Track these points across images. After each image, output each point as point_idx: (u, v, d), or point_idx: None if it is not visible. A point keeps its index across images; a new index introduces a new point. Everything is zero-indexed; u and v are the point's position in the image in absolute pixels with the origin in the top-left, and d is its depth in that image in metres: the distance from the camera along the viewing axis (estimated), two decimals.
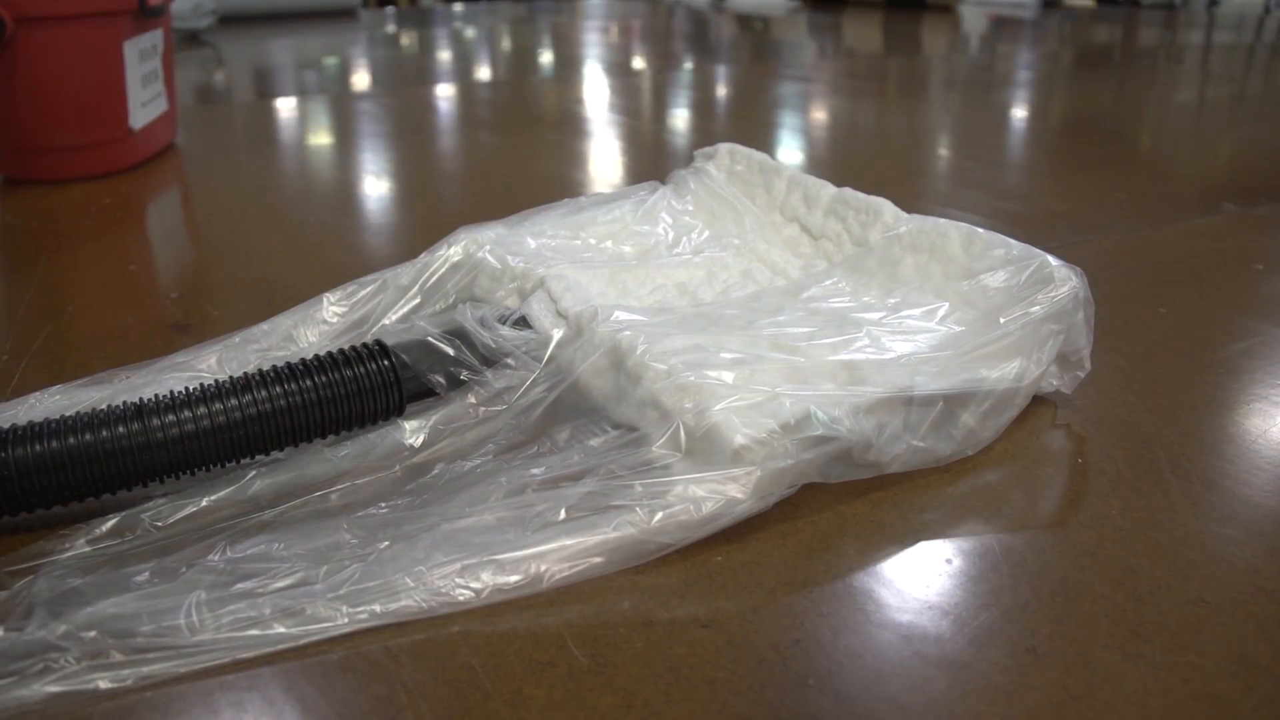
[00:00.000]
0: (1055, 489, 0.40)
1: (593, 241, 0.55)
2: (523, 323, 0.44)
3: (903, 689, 0.29)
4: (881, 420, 0.38)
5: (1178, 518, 0.38)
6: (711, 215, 0.59)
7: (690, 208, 0.59)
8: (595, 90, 1.45)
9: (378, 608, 0.29)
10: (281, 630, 0.29)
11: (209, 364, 0.48)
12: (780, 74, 1.63)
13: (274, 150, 1.09)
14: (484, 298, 0.50)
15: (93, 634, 0.28)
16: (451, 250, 0.53)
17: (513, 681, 0.29)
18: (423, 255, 0.53)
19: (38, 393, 0.45)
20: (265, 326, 0.50)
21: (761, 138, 1.15)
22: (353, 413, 0.39)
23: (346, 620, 0.29)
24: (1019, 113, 1.35)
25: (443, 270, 0.52)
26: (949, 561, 0.35)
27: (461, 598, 0.30)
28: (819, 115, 1.30)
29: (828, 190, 0.57)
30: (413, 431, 0.39)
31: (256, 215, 0.81)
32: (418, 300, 0.51)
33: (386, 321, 0.50)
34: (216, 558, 0.32)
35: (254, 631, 0.28)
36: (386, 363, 0.40)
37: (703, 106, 1.38)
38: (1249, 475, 0.41)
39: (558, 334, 0.41)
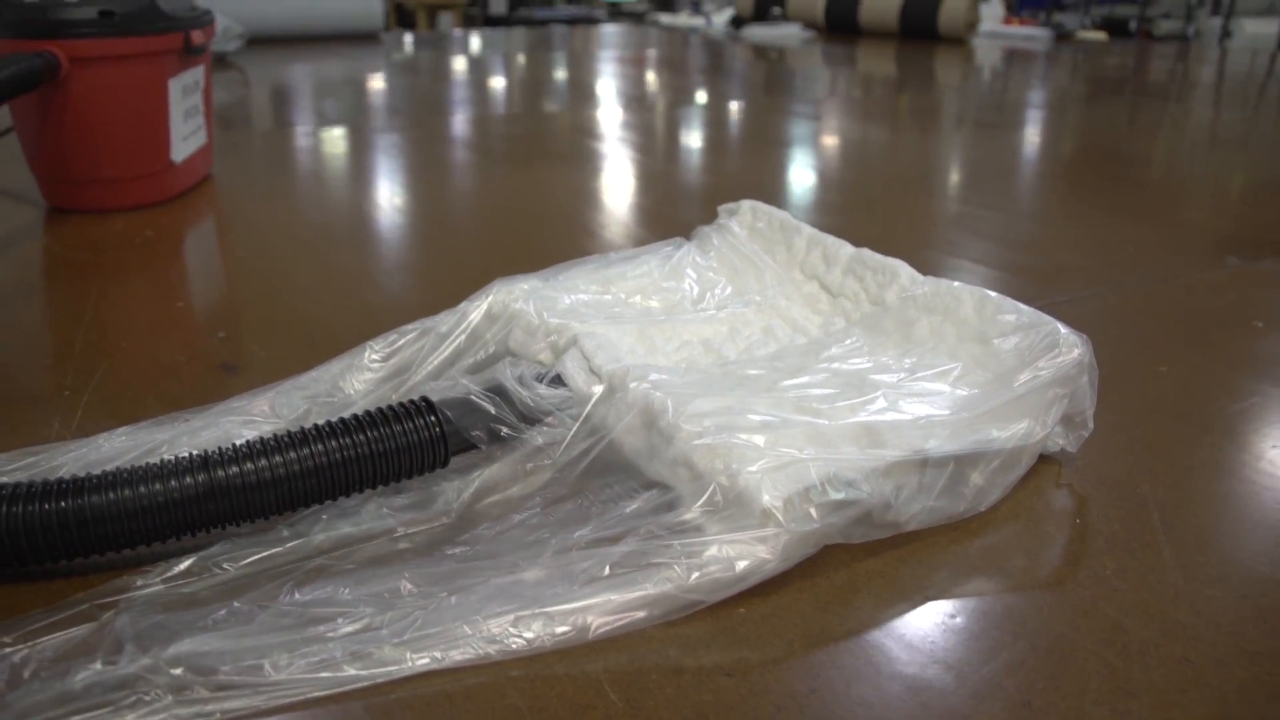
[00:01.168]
0: (1055, 549, 0.43)
1: (622, 296, 0.59)
2: (558, 380, 0.47)
3: None
4: (899, 482, 0.41)
5: (1168, 579, 0.41)
6: (734, 271, 0.62)
7: (714, 264, 0.62)
8: (611, 125, 1.48)
9: (438, 654, 0.33)
10: (351, 672, 0.32)
11: (262, 409, 0.51)
12: (793, 111, 1.67)
13: (303, 182, 1.13)
14: (519, 351, 0.53)
15: (179, 670, 0.32)
16: (489, 301, 0.56)
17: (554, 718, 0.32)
18: (461, 305, 0.56)
19: (105, 434, 0.49)
20: (313, 374, 0.53)
21: (773, 179, 1.18)
22: (401, 466, 0.42)
23: (409, 664, 0.32)
24: (1030, 152, 1.38)
25: (479, 321, 0.55)
26: (954, 618, 0.38)
27: (514, 646, 0.34)
28: (831, 154, 1.34)
29: (846, 249, 0.61)
30: (462, 485, 0.42)
31: (292, 251, 0.84)
32: (456, 349, 0.54)
33: (428, 368, 0.54)
34: (286, 600, 0.35)
35: (326, 674, 0.32)
36: (433, 418, 0.43)
37: (716, 143, 1.42)
38: (1240, 537, 0.44)
39: (594, 392, 0.45)
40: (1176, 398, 0.58)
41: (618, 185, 1.12)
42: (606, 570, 0.36)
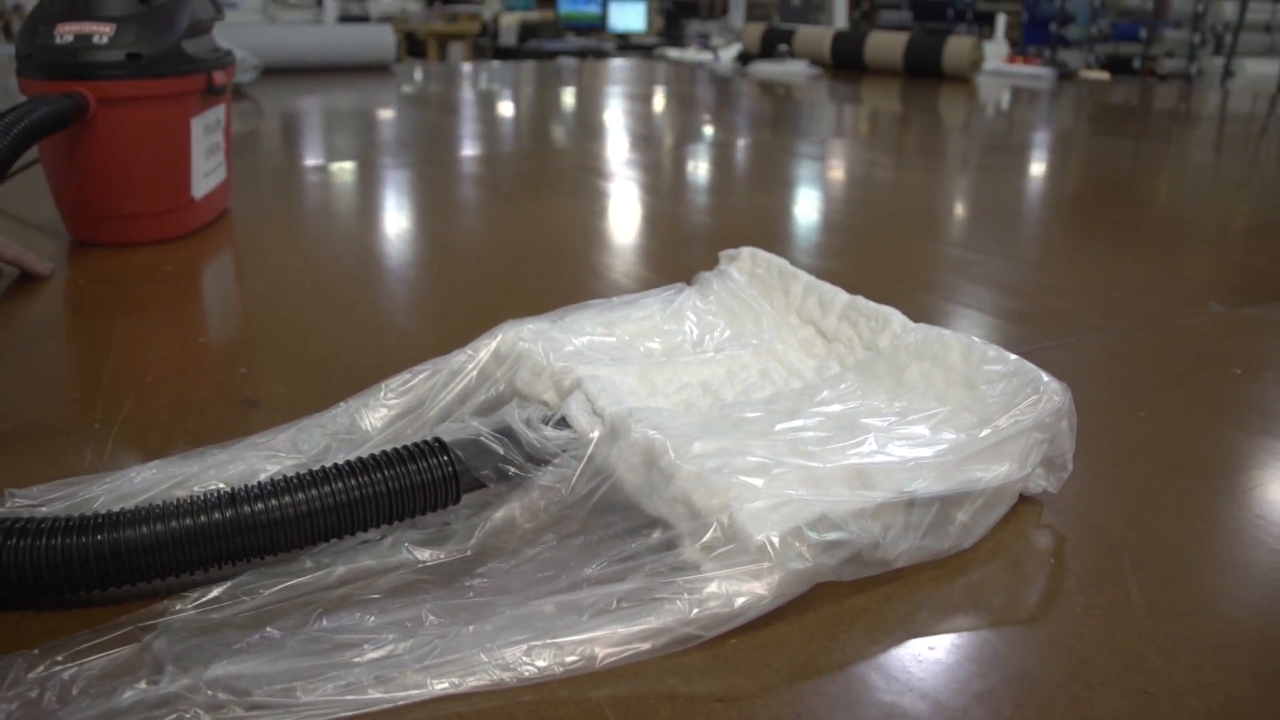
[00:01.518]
0: (1032, 587, 0.46)
1: (625, 339, 0.62)
2: (563, 423, 0.50)
3: None
4: (887, 522, 0.44)
5: (1134, 616, 0.44)
6: (733, 316, 0.65)
7: (714, 308, 0.66)
8: (619, 163, 1.52)
9: (455, 679, 0.36)
10: (375, 695, 0.35)
11: (284, 444, 0.55)
12: (798, 150, 1.71)
13: (316, 217, 1.17)
14: (525, 390, 0.57)
15: (216, 691, 0.35)
16: (497, 342, 0.59)
17: None
18: (469, 346, 0.59)
19: (136, 468, 0.52)
20: (332, 412, 0.57)
21: (776, 222, 1.22)
22: (416, 503, 0.45)
23: (429, 689, 0.35)
24: (1030, 194, 1.42)
25: (487, 360, 0.59)
26: (932, 650, 0.41)
27: (526, 673, 0.37)
28: (833, 195, 1.38)
29: (841, 296, 0.64)
30: (477, 521, 0.46)
31: (308, 288, 0.88)
32: (466, 388, 0.57)
33: (439, 405, 0.57)
34: (314, 627, 0.38)
35: (352, 696, 0.35)
36: (445, 458, 0.46)
37: (722, 182, 1.46)
38: (1205, 576, 0.47)
39: (596, 434, 0.48)
40: (1152, 442, 0.61)
41: (625, 225, 1.16)
42: (613, 604, 0.39)
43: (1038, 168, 1.64)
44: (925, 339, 0.58)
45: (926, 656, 0.41)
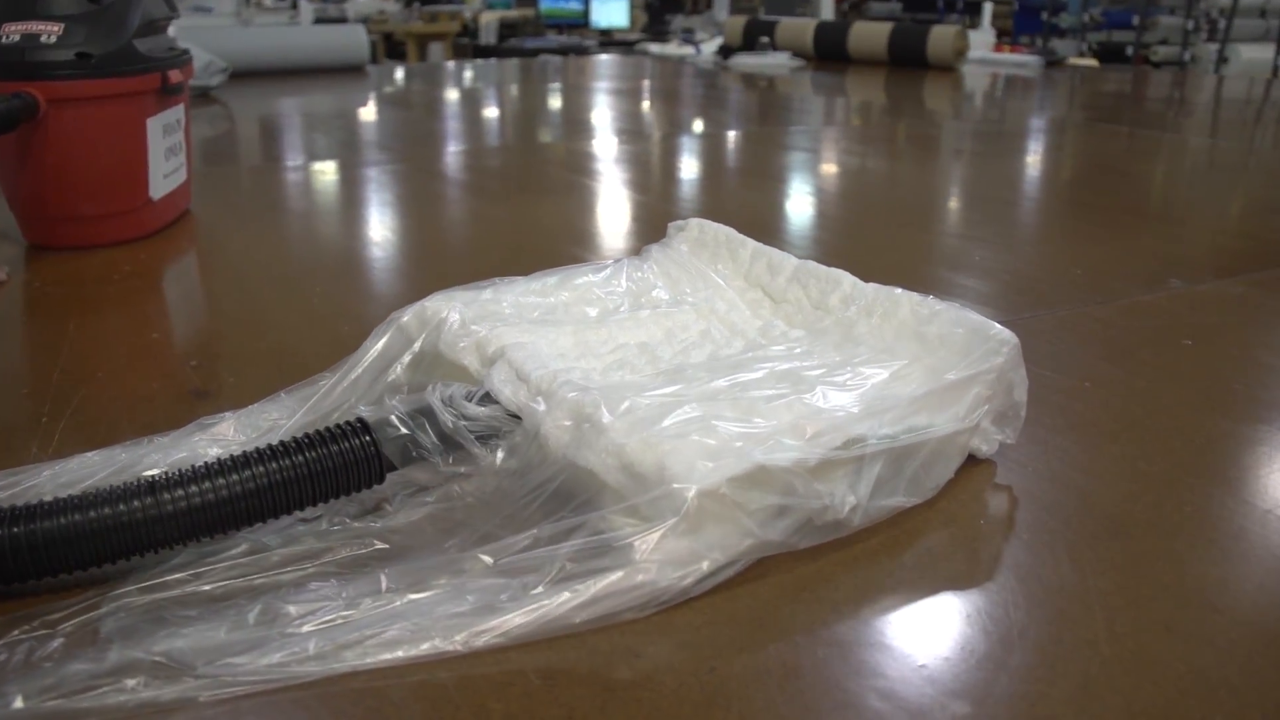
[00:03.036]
0: (976, 555, 0.48)
1: (558, 303, 0.63)
2: (488, 398, 0.51)
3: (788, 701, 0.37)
4: (833, 477, 0.46)
5: (1061, 572, 0.46)
6: (674, 281, 0.67)
7: (654, 273, 0.67)
8: (604, 158, 1.54)
9: (386, 654, 0.38)
10: (313, 668, 0.37)
11: (225, 430, 0.56)
12: (783, 142, 1.73)
13: (282, 217, 1.18)
14: (448, 355, 0.56)
15: (159, 660, 0.37)
16: (421, 306, 0.60)
17: (478, 697, 0.37)
18: (392, 315, 0.60)
19: (78, 456, 0.54)
20: (276, 397, 0.59)
21: (765, 215, 1.24)
22: (339, 484, 0.47)
23: (356, 660, 0.38)
24: (1012, 180, 1.44)
25: (412, 326, 0.59)
26: (879, 620, 0.43)
27: (477, 644, 0.39)
28: (819, 188, 1.40)
29: (791, 261, 0.66)
30: (409, 499, 0.48)
31: (267, 285, 0.90)
32: (378, 361, 0.58)
33: (351, 378, 0.58)
34: (256, 601, 0.40)
35: (294, 667, 0.37)
36: (368, 438, 0.48)
37: (708, 178, 1.48)
38: (1131, 535, 0.49)
39: (524, 402, 0.49)
40: (1095, 411, 0.63)
41: (611, 223, 1.17)
42: (546, 578, 0.41)
43: (1021, 157, 1.67)
44: (875, 296, 0.60)
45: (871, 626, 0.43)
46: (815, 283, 0.63)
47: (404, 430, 0.48)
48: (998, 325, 0.54)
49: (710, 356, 0.57)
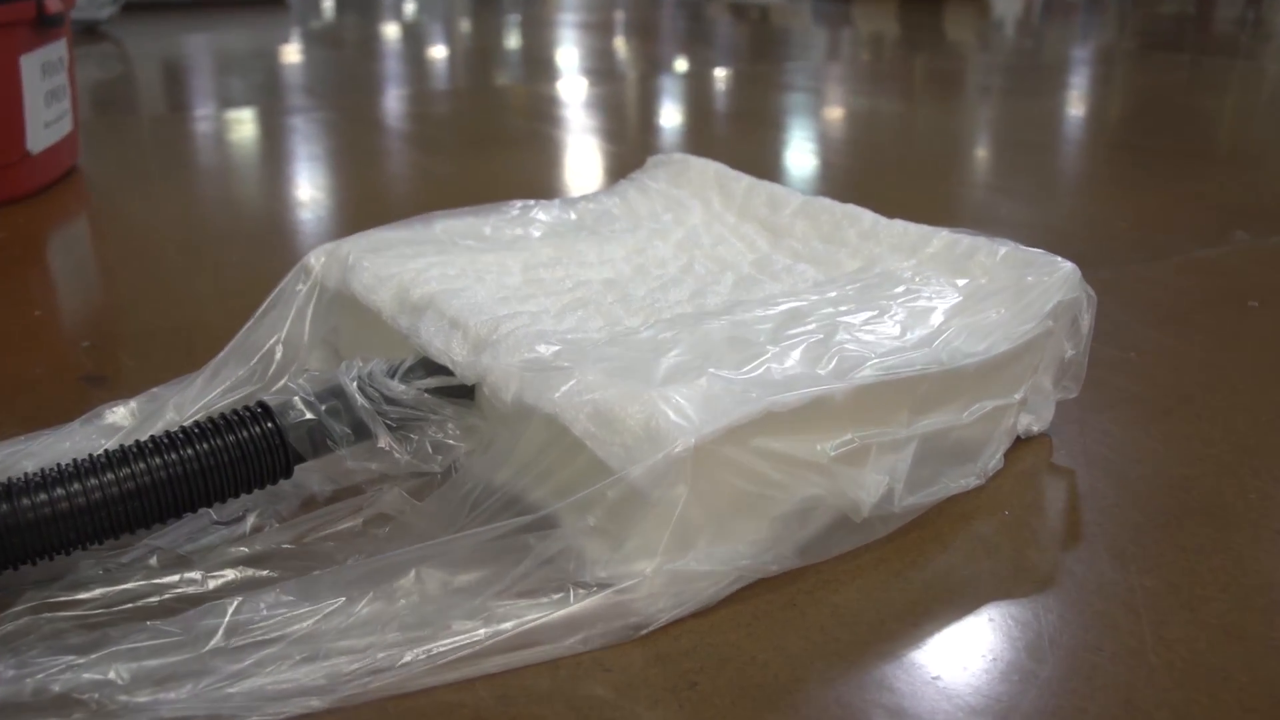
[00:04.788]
0: (1000, 551, 0.48)
1: (502, 239, 0.62)
2: (420, 369, 0.50)
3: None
4: (861, 472, 0.45)
5: (1100, 569, 0.46)
6: (651, 214, 0.67)
7: (628, 205, 0.68)
8: (566, 103, 1.54)
9: (323, 676, 0.38)
10: (239, 700, 0.37)
11: (123, 421, 0.56)
12: (779, 82, 1.73)
13: (191, 175, 1.18)
14: (365, 299, 0.56)
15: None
16: (342, 245, 0.60)
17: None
18: (305, 259, 0.60)
19: None
20: (185, 380, 0.59)
21: (757, 168, 1.24)
22: (236, 480, 0.46)
23: (283, 697, 0.38)
24: (1040, 121, 1.45)
25: (321, 277, 0.59)
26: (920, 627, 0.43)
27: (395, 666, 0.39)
28: (824, 134, 1.40)
29: (797, 196, 0.66)
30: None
31: (173, 253, 0.90)
32: (297, 311, 0.59)
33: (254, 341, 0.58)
34: (161, 622, 0.40)
35: (222, 701, 0.37)
36: (271, 425, 0.47)
37: (692, 124, 1.48)
38: (1183, 526, 0.49)
39: (462, 356, 0.48)
40: (1141, 386, 0.63)
41: (579, 180, 1.17)
42: (506, 599, 0.41)
43: (1059, 93, 1.67)
44: (905, 231, 0.60)
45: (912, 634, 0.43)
46: (828, 217, 0.63)
47: (309, 415, 0.47)
48: (1057, 257, 0.55)
49: (693, 295, 0.55)
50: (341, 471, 0.51)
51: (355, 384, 0.48)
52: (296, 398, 0.48)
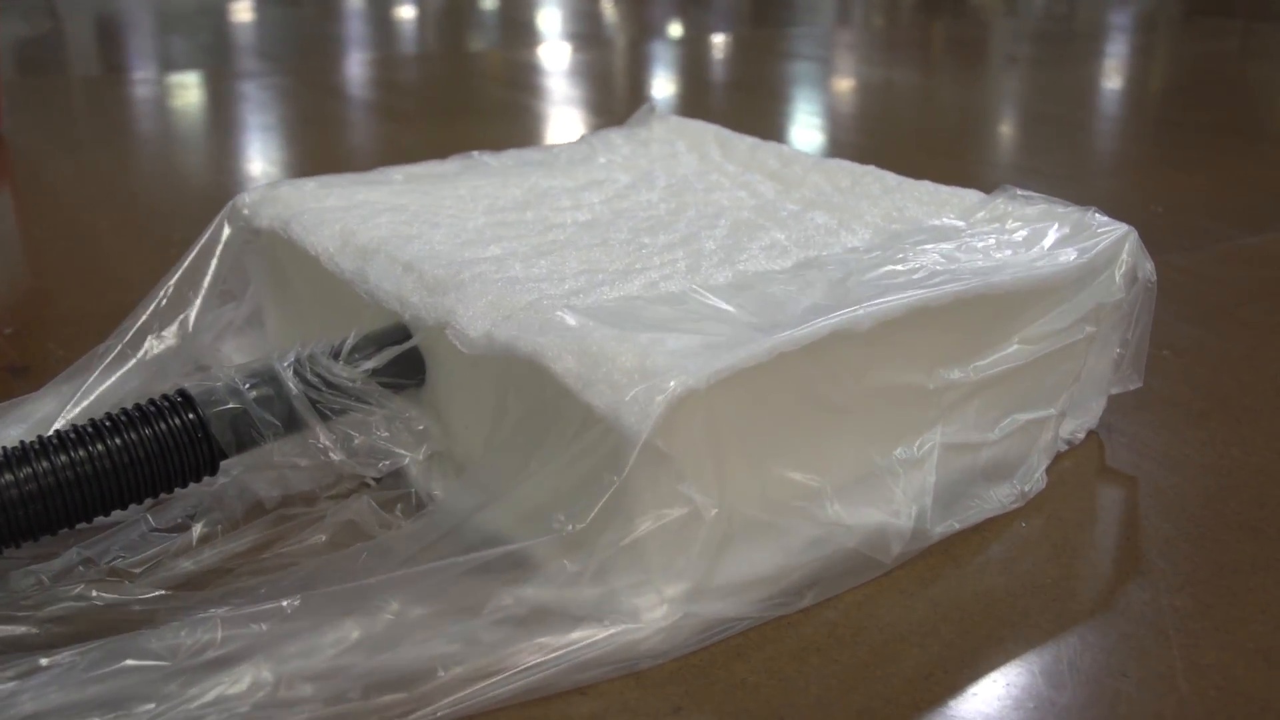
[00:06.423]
0: (1015, 566, 0.49)
1: (462, 193, 0.61)
2: (373, 342, 0.48)
3: None
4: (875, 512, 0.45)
5: (1126, 588, 0.47)
6: (638, 161, 0.67)
7: (613, 154, 0.68)
8: (548, 71, 1.54)
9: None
10: None
11: (50, 411, 0.56)
12: (783, 50, 1.73)
13: (128, 144, 1.17)
14: (300, 241, 0.55)
15: None
16: (279, 186, 0.60)
17: None
18: (235, 199, 0.61)
19: None
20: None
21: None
22: (152, 479, 0.45)
23: None
24: (1071, 94, 1.45)
25: (252, 219, 0.59)
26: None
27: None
28: (832, 107, 1.40)
29: (810, 155, 0.67)
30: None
31: (107, 232, 0.89)
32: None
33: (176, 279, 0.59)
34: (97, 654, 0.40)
35: None
36: (192, 416, 0.45)
37: (687, 95, 1.48)
38: (1220, 541, 0.50)
39: (416, 300, 0.47)
40: (1178, 389, 0.64)
41: None
42: (499, 631, 0.40)
43: (1092, 63, 1.67)
44: (935, 189, 0.60)
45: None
46: (845, 175, 0.63)
47: (233, 404, 0.46)
48: (1106, 216, 0.56)
49: (685, 239, 0.54)
50: (294, 476, 0.50)
51: (291, 368, 0.47)
52: (219, 384, 0.46)
